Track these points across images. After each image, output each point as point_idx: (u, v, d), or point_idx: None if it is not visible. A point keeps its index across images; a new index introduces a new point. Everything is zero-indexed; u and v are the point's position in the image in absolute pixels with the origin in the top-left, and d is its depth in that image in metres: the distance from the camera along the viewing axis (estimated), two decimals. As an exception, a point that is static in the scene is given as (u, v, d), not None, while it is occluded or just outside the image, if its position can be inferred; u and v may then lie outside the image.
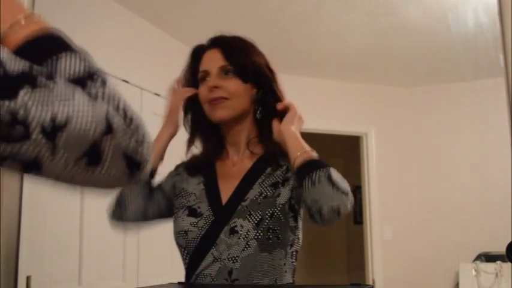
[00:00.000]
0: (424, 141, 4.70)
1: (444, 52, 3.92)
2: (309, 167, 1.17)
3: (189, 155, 1.42)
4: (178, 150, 1.42)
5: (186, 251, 1.28)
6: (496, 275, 3.98)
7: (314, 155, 1.21)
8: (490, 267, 4.03)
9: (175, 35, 3.52)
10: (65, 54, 0.55)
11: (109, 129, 0.51)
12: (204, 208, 1.29)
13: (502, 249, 1.30)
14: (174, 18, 3.34)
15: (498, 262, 3.97)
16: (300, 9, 3.29)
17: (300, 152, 1.21)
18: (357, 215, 5.93)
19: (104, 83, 0.54)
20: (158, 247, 3.20)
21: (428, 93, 4.74)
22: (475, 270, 4.08)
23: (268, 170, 1.32)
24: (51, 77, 0.50)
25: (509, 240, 1.25)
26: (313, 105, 4.48)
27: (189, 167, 1.40)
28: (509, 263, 2.40)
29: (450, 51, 3.82)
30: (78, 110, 0.49)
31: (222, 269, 1.22)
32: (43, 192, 2.44)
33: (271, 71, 1.38)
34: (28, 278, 2.32)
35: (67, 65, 0.54)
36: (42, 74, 0.50)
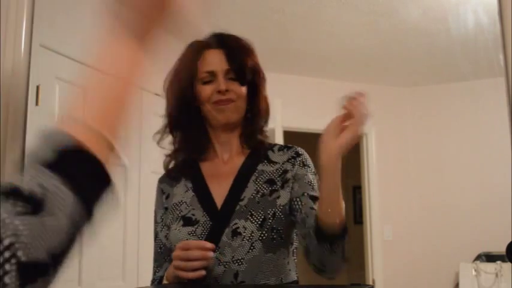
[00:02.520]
0: (424, 141, 4.70)
1: (444, 52, 3.92)
2: (336, 235, 1.12)
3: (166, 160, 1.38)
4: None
5: None
6: (496, 275, 3.98)
7: (344, 217, 1.12)
8: (490, 267, 4.03)
9: (175, 34, 3.52)
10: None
11: None
12: (199, 214, 1.26)
13: (502, 249, 1.30)
14: (174, 19, 3.34)
15: (498, 262, 3.97)
16: (300, 9, 3.29)
17: (336, 210, 1.10)
18: (357, 215, 5.93)
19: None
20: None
21: (428, 93, 4.74)
22: (475, 270, 4.08)
23: (260, 166, 1.31)
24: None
25: (509, 240, 1.25)
26: (313, 105, 4.48)
27: (171, 175, 1.38)
28: (509, 263, 2.40)
29: (450, 51, 3.82)
30: None
31: (227, 272, 1.20)
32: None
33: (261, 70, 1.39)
34: (28, 278, 2.32)
35: None
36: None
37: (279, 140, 3.48)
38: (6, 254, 0.46)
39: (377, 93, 4.72)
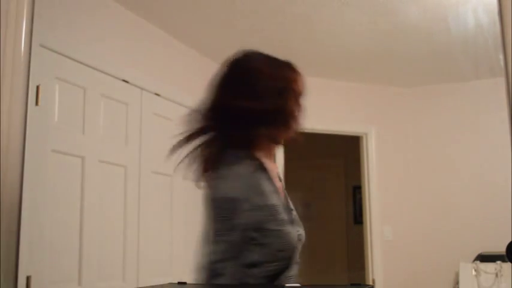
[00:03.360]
0: (424, 141, 4.70)
1: (444, 52, 3.92)
2: None
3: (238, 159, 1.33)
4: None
5: (288, 261, 1.30)
6: (496, 275, 3.98)
7: None
8: (490, 267, 4.03)
9: (175, 35, 3.53)
10: None
11: None
12: (287, 217, 1.33)
13: (502, 249, 1.30)
14: (174, 19, 3.34)
15: (498, 262, 3.97)
16: (300, 9, 3.29)
17: None
18: (357, 215, 5.93)
19: None
20: (158, 247, 3.20)
21: (428, 93, 4.74)
22: (475, 270, 4.08)
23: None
24: None
25: (509, 240, 1.25)
26: (313, 105, 4.47)
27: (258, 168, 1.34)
28: (509, 263, 2.40)
29: (450, 51, 3.82)
30: None
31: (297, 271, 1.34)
32: (43, 193, 2.44)
33: None
34: (28, 278, 2.32)
35: None
36: None
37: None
38: None
39: (377, 93, 4.72)
